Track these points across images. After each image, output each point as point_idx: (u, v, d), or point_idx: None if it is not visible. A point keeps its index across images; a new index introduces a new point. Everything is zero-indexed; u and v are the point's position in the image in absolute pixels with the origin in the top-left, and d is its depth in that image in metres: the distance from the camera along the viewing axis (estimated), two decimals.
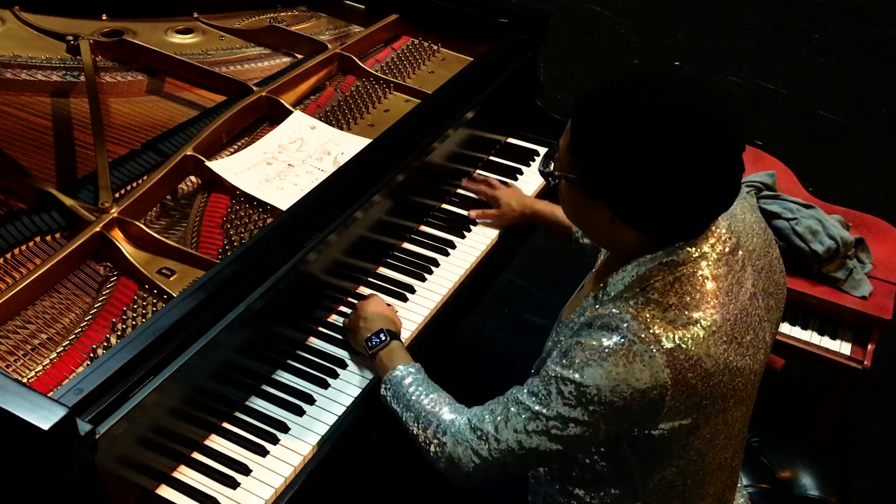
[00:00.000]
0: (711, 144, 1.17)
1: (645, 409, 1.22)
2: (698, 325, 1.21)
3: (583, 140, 1.22)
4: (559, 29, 4.47)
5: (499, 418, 1.32)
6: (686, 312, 1.21)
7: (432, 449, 1.39)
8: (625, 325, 1.20)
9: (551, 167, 1.32)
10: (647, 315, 1.21)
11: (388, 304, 1.71)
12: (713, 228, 1.27)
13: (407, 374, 1.49)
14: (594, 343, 1.21)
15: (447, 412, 1.41)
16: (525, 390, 1.30)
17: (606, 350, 1.20)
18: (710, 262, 1.25)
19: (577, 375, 1.22)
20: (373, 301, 1.67)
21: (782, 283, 1.40)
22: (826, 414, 2.39)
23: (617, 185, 1.20)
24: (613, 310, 1.23)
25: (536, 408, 1.27)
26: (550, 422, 1.26)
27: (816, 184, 3.16)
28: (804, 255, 2.27)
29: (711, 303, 1.23)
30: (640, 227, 1.24)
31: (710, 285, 1.24)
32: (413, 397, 1.45)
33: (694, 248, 1.25)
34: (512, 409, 1.30)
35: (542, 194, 2.11)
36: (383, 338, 1.57)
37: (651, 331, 1.19)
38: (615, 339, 1.20)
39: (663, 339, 1.19)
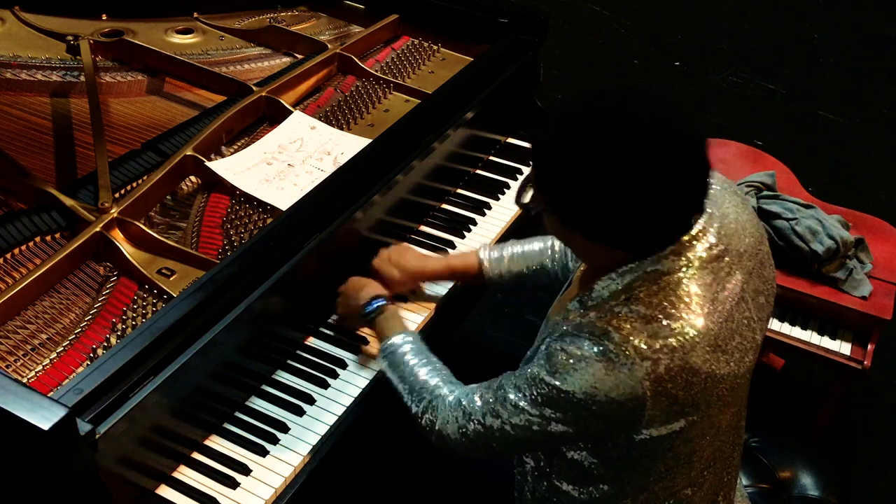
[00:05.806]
0: (675, 161, 1.15)
1: (624, 417, 1.23)
2: (681, 335, 1.21)
3: (544, 174, 1.22)
4: (559, 29, 4.47)
5: (489, 402, 1.34)
6: (669, 323, 1.21)
7: (424, 421, 1.43)
8: (606, 335, 1.20)
9: (527, 198, 1.30)
10: (629, 326, 1.20)
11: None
12: (700, 235, 1.26)
13: (403, 343, 1.52)
14: (576, 351, 1.22)
15: (441, 387, 1.44)
16: (512, 383, 1.32)
17: (586, 359, 1.21)
18: (695, 271, 1.24)
19: (556, 381, 1.23)
20: (354, 280, 1.68)
21: (772, 278, 1.39)
22: (825, 414, 2.39)
23: (585, 212, 1.20)
24: (597, 319, 1.23)
25: (521, 403, 1.29)
26: (533, 418, 1.28)
27: (816, 184, 3.15)
28: (804, 255, 2.27)
29: (696, 311, 1.23)
30: (617, 246, 1.24)
31: (694, 295, 1.23)
32: (408, 368, 1.49)
33: (679, 257, 1.24)
34: (500, 398, 1.32)
35: (522, 219, 2.04)
36: (377, 304, 1.61)
37: (632, 342, 1.19)
38: (596, 349, 1.21)
39: (644, 350, 1.19)
